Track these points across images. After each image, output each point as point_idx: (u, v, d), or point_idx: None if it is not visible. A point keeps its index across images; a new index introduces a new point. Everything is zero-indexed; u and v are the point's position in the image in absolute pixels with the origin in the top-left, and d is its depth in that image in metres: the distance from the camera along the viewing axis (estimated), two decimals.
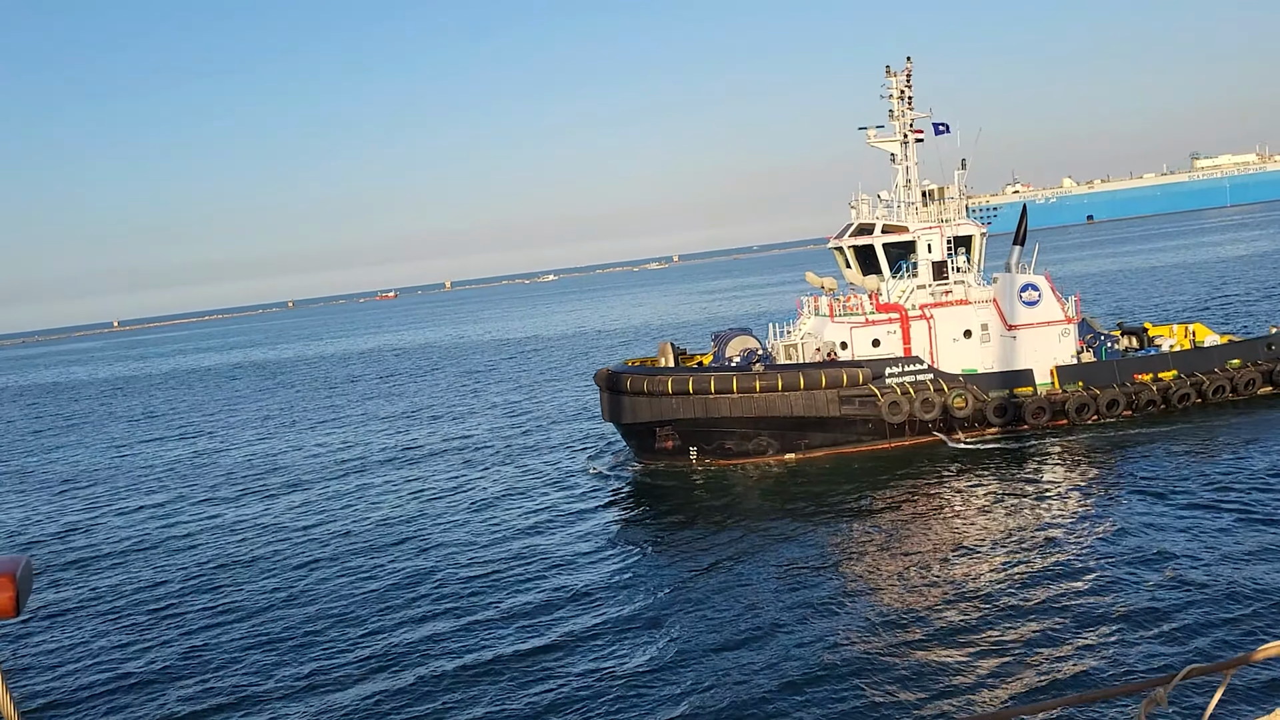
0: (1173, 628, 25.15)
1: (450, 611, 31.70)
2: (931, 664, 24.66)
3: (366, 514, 46.36)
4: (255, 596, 35.45)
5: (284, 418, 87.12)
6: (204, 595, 36.37)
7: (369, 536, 42.08)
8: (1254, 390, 48.87)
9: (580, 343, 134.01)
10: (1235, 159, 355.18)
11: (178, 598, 36.48)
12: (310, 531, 44.13)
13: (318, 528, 44.67)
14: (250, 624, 32.63)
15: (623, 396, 47.73)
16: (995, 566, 30.92)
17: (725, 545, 35.93)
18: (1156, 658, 23.85)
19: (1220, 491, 35.77)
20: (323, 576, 37.01)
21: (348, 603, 33.61)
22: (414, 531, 42.13)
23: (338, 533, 43.34)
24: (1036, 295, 49.34)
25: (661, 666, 26.10)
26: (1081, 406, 47.11)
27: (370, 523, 44.54)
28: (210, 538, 45.12)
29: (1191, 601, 26.54)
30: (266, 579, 37.50)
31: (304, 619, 32.48)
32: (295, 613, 33.20)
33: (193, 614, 34.39)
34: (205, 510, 51.23)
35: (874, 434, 46.79)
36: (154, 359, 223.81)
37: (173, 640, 31.95)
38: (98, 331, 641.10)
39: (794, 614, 28.62)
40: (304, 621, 32.23)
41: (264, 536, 44.18)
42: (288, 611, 33.41)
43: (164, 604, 35.91)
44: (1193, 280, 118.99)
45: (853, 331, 48.57)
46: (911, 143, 50.66)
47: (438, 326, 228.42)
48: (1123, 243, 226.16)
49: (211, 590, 36.89)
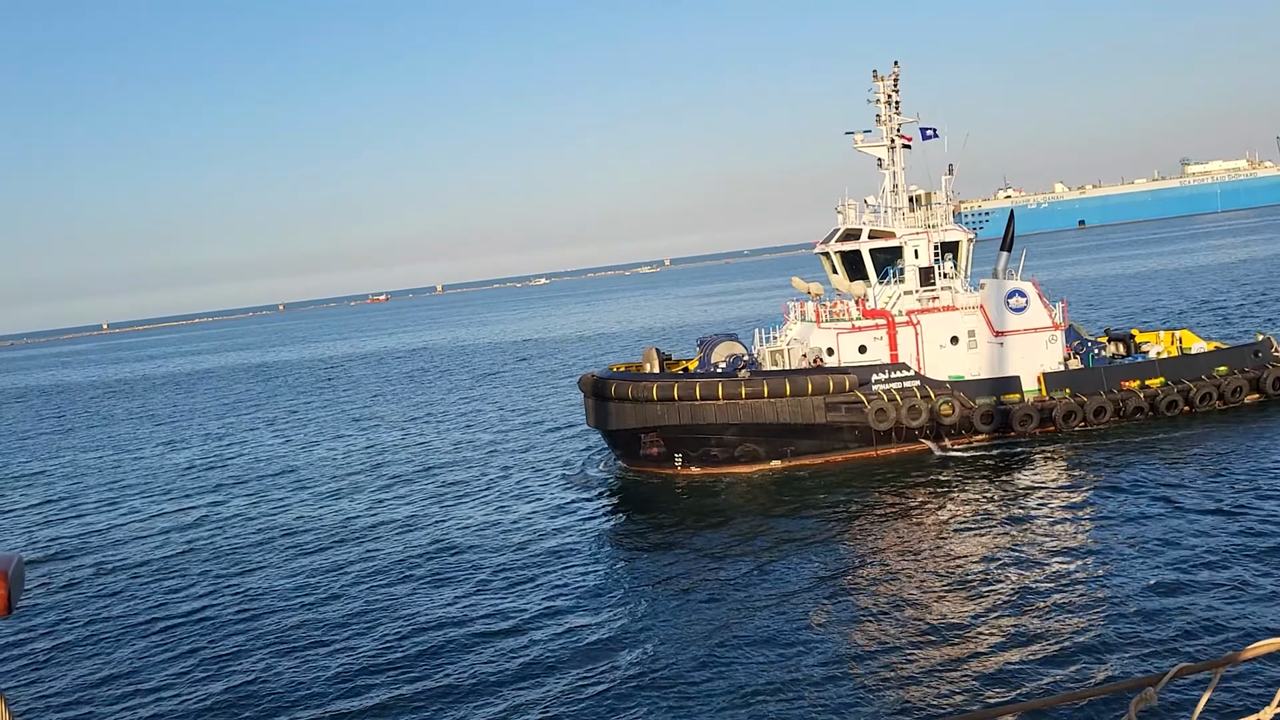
0: (1162, 627, 25.36)
1: (428, 621, 31.25)
2: (921, 665, 24.63)
3: (345, 521, 45.87)
4: (237, 601, 34.98)
5: (274, 421, 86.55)
6: (185, 594, 35.91)
7: (347, 543, 41.60)
8: (1241, 397, 48.69)
9: (569, 347, 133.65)
10: (1226, 165, 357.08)
11: (162, 597, 36.01)
12: (276, 540, 43.62)
13: (285, 534, 44.16)
14: (222, 631, 32.18)
15: (607, 403, 47.33)
16: (983, 571, 30.86)
17: (709, 553, 35.57)
18: (1146, 657, 23.93)
19: (1207, 496, 35.76)
20: (289, 584, 36.52)
21: (329, 608, 33.16)
22: (391, 541, 41.65)
23: (316, 540, 42.84)
24: (1024, 301, 49.10)
25: (643, 675, 25.75)
26: (1069, 414, 46.87)
27: (350, 530, 44.07)
28: (191, 537, 44.60)
29: (1181, 602, 26.74)
30: (247, 582, 37.03)
31: (263, 632, 32.00)
32: (256, 625, 32.72)
33: (178, 614, 33.94)
34: (182, 510, 50.70)
35: (860, 441, 46.46)
36: (150, 361, 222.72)
37: (161, 640, 31.51)
38: (87, 334, 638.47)
39: (779, 620, 28.34)
40: (260, 636, 31.76)
41: (246, 541, 43.67)
42: (248, 624, 32.94)
43: (152, 605, 35.45)
44: (1181, 286, 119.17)
45: (839, 337, 48.27)
46: (898, 148, 50.37)
47: (428, 330, 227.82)
48: (1113, 248, 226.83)
49: (194, 590, 36.42)
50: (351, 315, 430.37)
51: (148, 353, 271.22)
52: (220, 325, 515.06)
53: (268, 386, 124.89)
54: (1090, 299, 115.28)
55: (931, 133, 50.14)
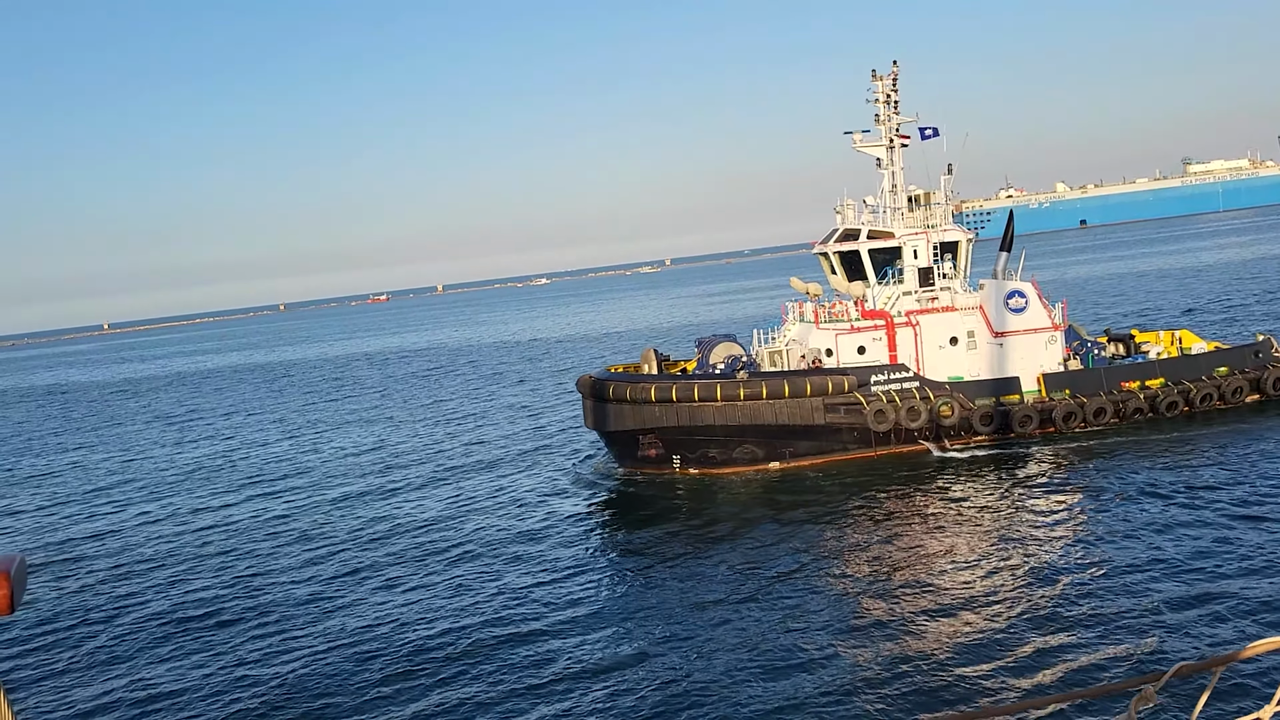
0: (1162, 626, 25.36)
1: (422, 620, 31.08)
2: (921, 665, 24.54)
3: (338, 520, 45.71)
4: (236, 600, 34.85)
5: (284, 420, 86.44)
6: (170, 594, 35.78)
7: (341, 543, 41.45)
8: (1241, 398, 48.48)
9: (569, 347, 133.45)
10: (1228, 164, 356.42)
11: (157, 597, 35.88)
12: (260, 538, 43.47)
13: (267, 531, 44.01)
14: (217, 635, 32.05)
15: (605, 404, 47.17)
16: (983, 571, 30.80)
17: (707, 555, 35.40)
18: (1145, 656, 23.92)
19: (1206, 497, 35.69)
20: (283, 584, 36.37)
21: (321, 610, 33.02)
22: (387, 539, 41.49)
23: (307, 539, 42.70)
24: (1023, 302, 48.90)
25: (639, 678, 25.59)
26: (1068, 415, 46.67)
27: (344, 529, 43.92)
28: (184, 534, 44.47)
29: (1180, 601, 26.77)
30: (239, 579, 36.90)
31: (249, 639, 31.86)
32: (227, 634, 32.59)
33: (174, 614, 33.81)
34: (184, 509, 50.57)
35: (859, 442, 46.27)
36: (154, 361, 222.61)
37: (161, 638, 31.39)
38: (87, 334, 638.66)
39: (778, 622, 28.19)
40: (242, 643, 31.61)
41: (241, 539, 43.53)
42: (224, 634, 32.81)
43: (153, 603, 35.32)
44: (1183, 286, 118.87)
45: (838, 338, 48.08)
46: (897, 147, 50.18)
47: (428, 330, 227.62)
48: (1115, 247, 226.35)
49: (187, 589, 36.29)
50: (353, 315, 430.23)
51: (151, 352, 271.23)
52: (221, 325, 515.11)
53: (273, 387, 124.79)
54: (1093, 298, 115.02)
55: (931, 132, 49.95)
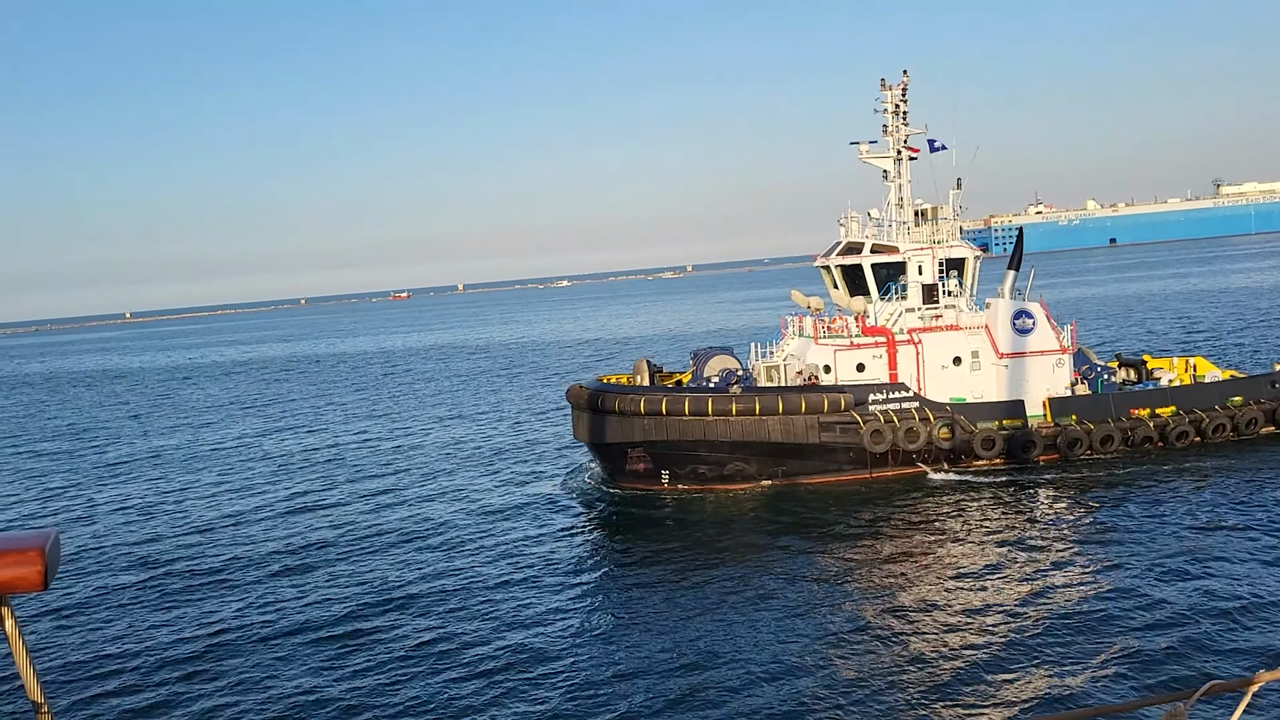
0: (1193, 644, 25.10)
1: (405, 636, 29.99)
2: (943, 681, 24.17)
3: (319, 529, 44.69)
4: (233, 597, 33.87)
5: (273, 417, 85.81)
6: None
7: (322, 553, 40.41)
8: (1256, 430, 46.54)
9: (577, 352, 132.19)
10: (1261, 187, 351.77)
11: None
12: (254, 549, 42.48)
13: (265, 544, 43.01)
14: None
15: (594, 415, 45.87)
16: (995, 589, 30.43)
17: (691, 575, 34.13)
18: (1177, 673, 23.68)
19: (1223, 519, 35.19)
20: (259, 595, 35.34)
21: (323, 610, 31.98)
22: (370, 550, 40.42)
23: (294, 544, 41.67)
24: (1031, 323, 47.21)
25: (624, 696, 24.77)
26: (1074, 441, 44.93)
27: (349, 532, 42.92)
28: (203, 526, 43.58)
29: (1212, 620, 26.55)
30: (222, 587, 35.94)
31: (217, 642, 30.82)
32: (198, 636, 31.57)
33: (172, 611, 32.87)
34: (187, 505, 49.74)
35: (855, 463, 44.68)
36: (179, 350, 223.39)
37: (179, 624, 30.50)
38: (110, 322, 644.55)
39: (767, 645, 27.25)
40: (213, 646, 30.57)
41: (235, 542, 42.60)
42: (239, 624, 31.80)
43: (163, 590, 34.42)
44: (1203, 309, 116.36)
45: (837, 354, 46.53)
46: (905, 160, 48.61)
47: (446, 329, 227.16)
48: (1145, 267, 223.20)
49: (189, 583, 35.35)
50: (372, 311, 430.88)
51: (180, 341, 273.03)
52: (243, 318, 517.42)
53: (276, 383, 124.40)
54: (1116, 320, 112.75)
55: (940, 145, 48.41)
